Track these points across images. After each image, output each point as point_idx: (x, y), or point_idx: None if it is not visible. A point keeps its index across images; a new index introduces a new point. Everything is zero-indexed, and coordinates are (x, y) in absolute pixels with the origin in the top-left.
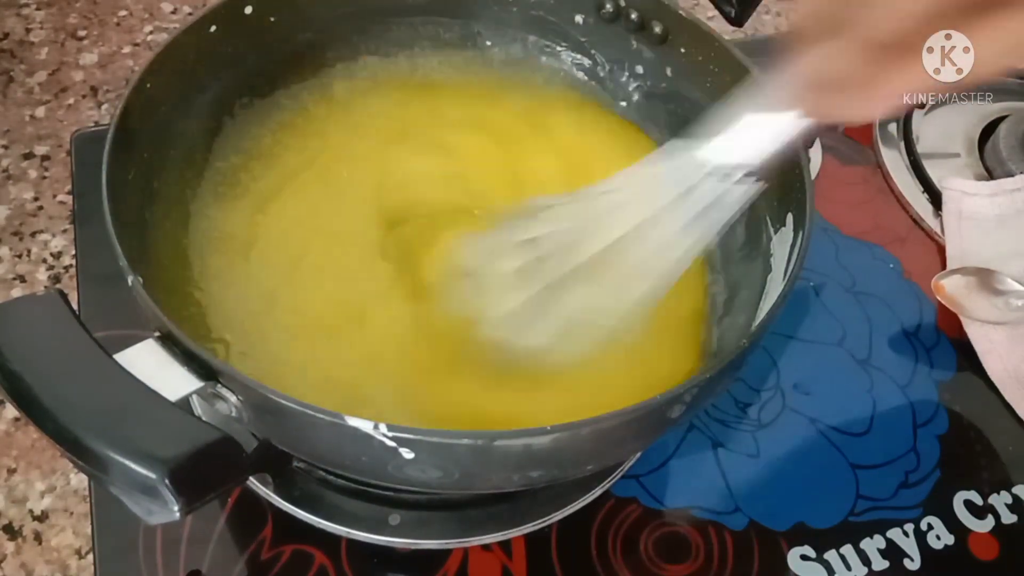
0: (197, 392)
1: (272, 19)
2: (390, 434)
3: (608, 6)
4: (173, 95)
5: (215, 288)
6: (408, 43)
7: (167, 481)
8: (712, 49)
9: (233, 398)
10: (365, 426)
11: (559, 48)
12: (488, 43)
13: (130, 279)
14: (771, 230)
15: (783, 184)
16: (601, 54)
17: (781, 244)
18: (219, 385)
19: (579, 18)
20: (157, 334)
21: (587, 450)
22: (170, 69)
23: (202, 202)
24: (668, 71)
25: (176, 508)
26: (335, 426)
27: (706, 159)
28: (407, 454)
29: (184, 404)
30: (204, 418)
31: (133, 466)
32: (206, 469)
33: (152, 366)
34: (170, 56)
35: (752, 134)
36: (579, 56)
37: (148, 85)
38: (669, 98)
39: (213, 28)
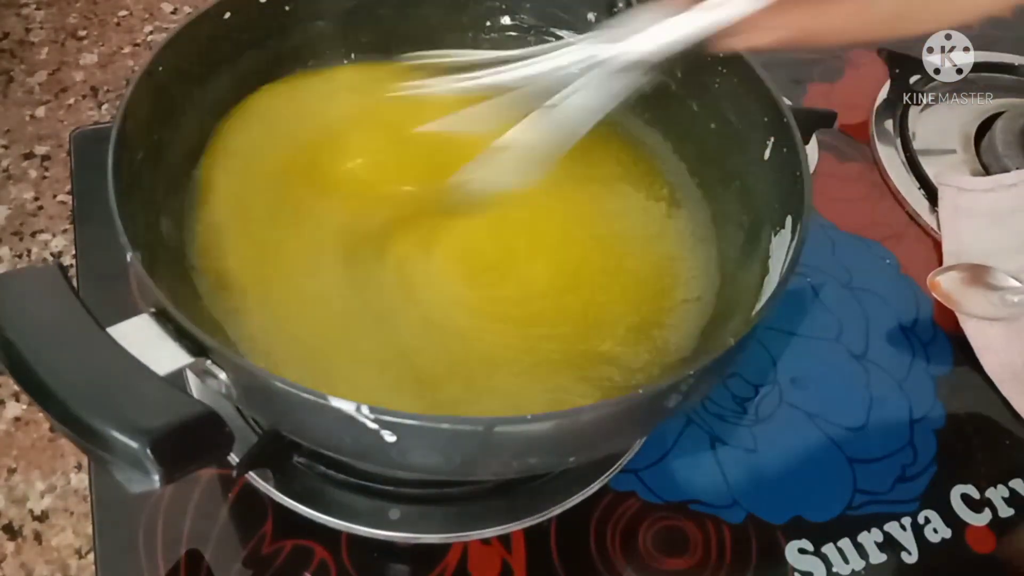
0: (188, 368)
1: (287, 7)
2: (372, 416)
3: (620, 3)
4: (186, 79)
5: (213, 284)
6: (419, 34)
7: (149, 451)
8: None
9: (223, 375)
10: (347, 407)
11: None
12: (498, 35)
13: (129, 256)
14: (771, 232)
15: (783, 186)
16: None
17: (780, 246)
18: (209, 362)
19: (591, 16)
20: (152, 310)
21: (579, 438)
22: (184, 53)
23: (207, 191)
24: (678, 72)
25: (157, 477)
26: (318, 406)
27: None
28: (389, 437)
29: (176, 379)
30: (197, 395)
31: (117, 435)
32: (188, 441)
33: (144, 340)
34: (185, 40)
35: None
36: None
37: (160, 68)
38: (673, 100)
39: (228, 15)
